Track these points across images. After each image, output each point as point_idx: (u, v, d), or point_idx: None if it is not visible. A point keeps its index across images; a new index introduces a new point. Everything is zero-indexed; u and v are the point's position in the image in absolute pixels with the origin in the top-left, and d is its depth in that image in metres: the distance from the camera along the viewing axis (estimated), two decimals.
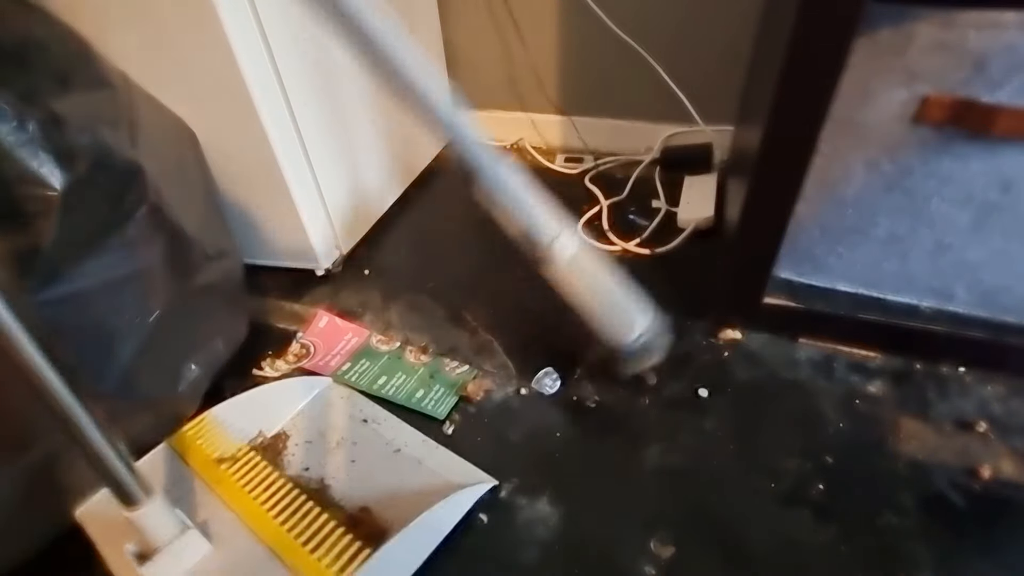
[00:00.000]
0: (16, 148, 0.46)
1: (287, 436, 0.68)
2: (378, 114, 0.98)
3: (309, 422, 0.69)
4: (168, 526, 0.51)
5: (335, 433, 0.68)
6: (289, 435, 0.68)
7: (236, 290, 0.77)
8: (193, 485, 0.59)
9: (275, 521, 0.55)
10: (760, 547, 0.56)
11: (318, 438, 0.67)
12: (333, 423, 0.69)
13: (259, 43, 0.70)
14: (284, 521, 0.55)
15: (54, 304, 0.50)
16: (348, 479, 0.62)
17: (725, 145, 1.05)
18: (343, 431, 0.68)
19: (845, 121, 0.58)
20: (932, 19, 0.51)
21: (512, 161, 0.54)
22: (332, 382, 0.74)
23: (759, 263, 0.69)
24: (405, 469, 0.62)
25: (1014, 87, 0.52)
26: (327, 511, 0.56)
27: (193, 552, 0.52)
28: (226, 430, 0.65)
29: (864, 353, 0.72)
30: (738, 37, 0.94)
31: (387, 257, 0.98)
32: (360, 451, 0.65)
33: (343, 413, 0.70)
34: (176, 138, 0.73)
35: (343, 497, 0.60)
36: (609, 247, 0.94)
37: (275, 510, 0.56)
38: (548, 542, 0.58)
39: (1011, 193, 0.57)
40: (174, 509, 0.52)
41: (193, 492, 0.59)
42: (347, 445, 0.66)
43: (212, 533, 0.54)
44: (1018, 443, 0.62)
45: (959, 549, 0.54)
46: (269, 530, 0.54)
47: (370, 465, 0.64)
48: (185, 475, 0.60)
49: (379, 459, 0.64)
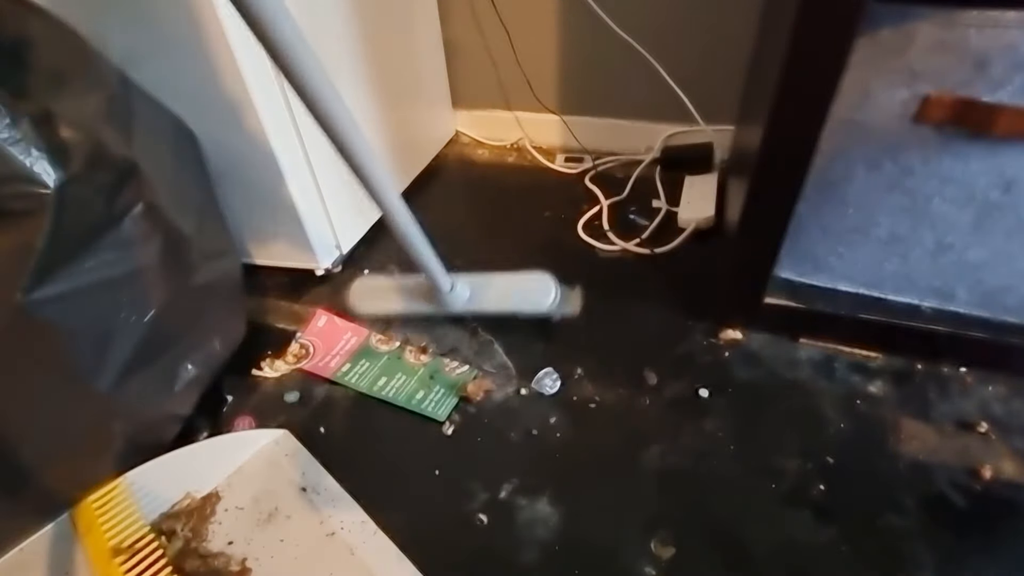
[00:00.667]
0: (8, 145, 0.46)
1: (218, 498, 0.62)
2: (378, 114, 0.97)
3: (246, 483, 0.63)
4: None
5: (270, 501, 0.61)
6: (221, 497, 0.62)
7: (234, 290, 0.77)
8: None
9: None
10: (760, 547, 0.56)
11: (251, 505, 0.61)
12: (270, 488, 0.62)
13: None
14: None
15: (48, 303, 0.49)
16: (273, 563, 0.56)
17: (725, 145, 1.05)
18: (279, 499, 0.61)
19: (845, 121, 0.58)
20: (933, 19, 0.51)
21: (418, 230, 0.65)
22: (280, 435, 0.67)
23: (760, 263, 0.69)
24: (335, 558, 0.56)
25: (1015, 87, 0.51)
26: None
27: None
28: (141, 500, 0.57)
29: (865, 353, 0.72)
30: (738, 37, 0.94)
31: (387, 257, 0.98)
32: (292, 528, 0.59)
33: (283, 477, 0.63)
34: (175, 137, 0.72)
35: None
36: (609, 247, 0.94)
37: None
38: (548, 542, 0.58)
39: (1012, 193, 0.57)
40: None
41: None
42: (280, 519, 0.60)
43: None
44: (1019, 443, 0.62)
45: (960, 549, 0.54)
46: None
47: (298, 547, 0.57)
48: (77, 564, 0.52)
49: (309, 541, 0.58)
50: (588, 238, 0.96)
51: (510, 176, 1.17)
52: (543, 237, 0.98)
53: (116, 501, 0.56)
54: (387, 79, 0.99)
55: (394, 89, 1.01)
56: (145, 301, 0.58)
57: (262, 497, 0.62)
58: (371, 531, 0.58)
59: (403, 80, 1.04)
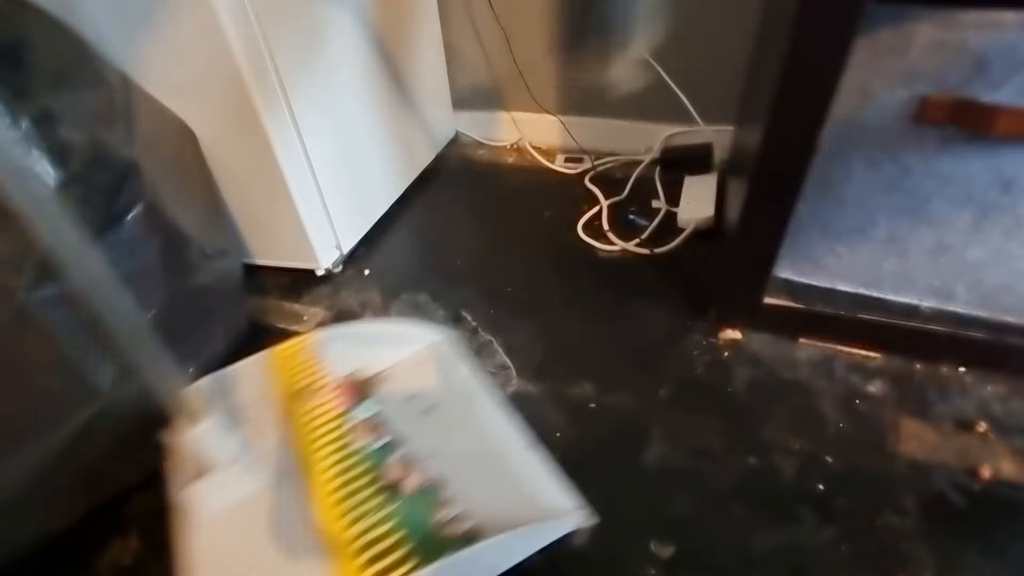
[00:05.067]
0: (8, 145, 0.46)
1: (380, 382, 0.59)
2: (378, 114, 0.98)
3: (409, 374, 0.60)
4: (220, 451, 0.46)
5: (429, 398, 0.58)
6: (383, 382, 0.59)
7: (235, 290, 0.77)
8: (268, 412, 0.54)
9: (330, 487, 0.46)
10: (760, 547, 0.56)
11: (408, 399, 0.58)
12: (433, 386, 0.59)
13: (259, 43, 0.70)
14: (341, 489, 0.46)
15: (48, 303, 0.49)
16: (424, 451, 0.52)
17: (725, 145, 1.05)
18: (439, 400, 0.58)
19: (845, 121, 0.58)
20: (932, 19, 0.51)
21: None
22: (453, 337, 0.65)
23: (759, 263, 0.69)
24: (490, 470, 0.52)
25: (1014, 87, 0.52)
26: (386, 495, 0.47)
27: (236, 487, 0.46)
28: (323, 358, 0.59)
29: (864, 353, 0.72)
30: (738, 37, 0.94)
31: (387, 257, 0.98)
32: (446, 429, 0.55)
33: (449, 379, 0.60)
34: (175, 137, 0.72)
35: None
36: (609, 247, 0.94)
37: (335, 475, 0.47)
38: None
39: (1011, 193, 0.57)
40: (232, 436, 0.47)
41: (265, 419, 0.53)
42: (436, 416, 0.57)
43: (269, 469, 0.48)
44: (1018, 443, 0.62)
45: (959, 549, 0.54)
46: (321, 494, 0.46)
47: (451, 449, 0.53)
48: (267, 396, 0.55)
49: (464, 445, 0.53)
50: (588, 238, 0.96)
51: (510, 177, 1.17)
52: (543, 237, 0.98)
53: (304, 352, 0.60)
54: (390, 82, 0.99)
55: (396, 91, 1.01)
56: (145, 301, 0.58)
57: (422, 393, 0.59)
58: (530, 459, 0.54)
59: (405, 82, 1.04)
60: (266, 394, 0.56)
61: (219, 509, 0.46)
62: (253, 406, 0.54)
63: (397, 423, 0.55)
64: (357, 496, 0.47)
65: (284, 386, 0.56)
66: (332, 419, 0.53)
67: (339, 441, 0.51)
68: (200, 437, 0.44)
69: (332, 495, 0.47)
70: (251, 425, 0.52)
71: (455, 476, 0.50)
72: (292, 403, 0.54)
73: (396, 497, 0.47)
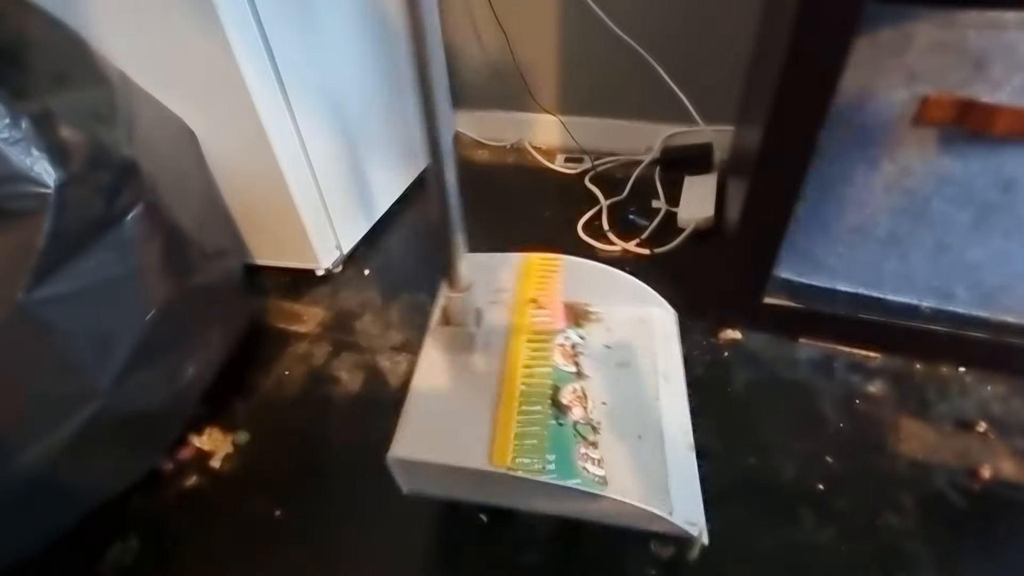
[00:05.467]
0: (9, 145, 0.46)
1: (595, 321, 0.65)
2: (378, 114, 0.98)
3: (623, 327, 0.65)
4: (467, 316, 0.57)
5: (627, 355, 0.62)
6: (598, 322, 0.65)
7: (235, 289, 0.77)
8: (507, 301, 0.63)
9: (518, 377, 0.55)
10: (760, 547, 0.56)
11: (609, 347, 0.62)
12: (637, 347, 0.63)
13: (259, 43, 0.70)
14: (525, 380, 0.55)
15: (48, 303, 0.49)
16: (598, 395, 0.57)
17: (725, 145, 1.05)
18: (635, 361, 0.62)
19: (845, 121, 0.58)
20: (932, 19, 0.51)
21: None
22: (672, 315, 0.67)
23: (759, 263, 0.69)
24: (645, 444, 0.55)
25: (1014, 87, 0.52)
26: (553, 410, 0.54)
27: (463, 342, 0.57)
28: (563, 279, 0.66)
29: (864, 353, 0.72)
30: (738, 37, 0.94)
31: (387, 257, 0.98)
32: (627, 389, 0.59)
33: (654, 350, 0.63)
34: (175, 137, 0.72)
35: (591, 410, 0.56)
36: (609, 247, 0.94)
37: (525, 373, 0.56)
38: (548, 542, 0.58)
39: (1011, 193, 0.57)
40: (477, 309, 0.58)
41: (503, 306, 0.63)
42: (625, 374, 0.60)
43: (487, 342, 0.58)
44: (1018, 443, 0.62)
45: (959, 549, 0.54)
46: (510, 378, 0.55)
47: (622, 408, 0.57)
48: (511, 289, 0.65)
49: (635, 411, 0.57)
50: (588, 238, 0.96)
51: (510, 176, 1.17)
52: (543, 237, 0.98)
53: (550, 269, 0.67)
54: (389, 82, 0.99)
55: (396, 91, 1.01)
56: (145, 301, 0.58)
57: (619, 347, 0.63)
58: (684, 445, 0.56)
59: (404, 82, 1.04)
60: (512, 287, 0.65)
61: (447, 349, 0.58)
62: (501, 292, 0.64)
63: (590, 361, 0.60)
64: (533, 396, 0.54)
65: (525, 287, 0.65)
66: (544, 331, 0.61)
67: (540, 350, 0.59)
68: (460, 298, 0.56)
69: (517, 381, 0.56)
70: (493, 306, 0.62)
71: (612, 429, 0.55)
72: (524, 304, 0.63)
73: (560, 416, 0.54)
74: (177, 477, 0.67)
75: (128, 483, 0.64)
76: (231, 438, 0.71)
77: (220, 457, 0.69)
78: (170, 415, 0.65)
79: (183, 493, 0.66)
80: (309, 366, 0.79)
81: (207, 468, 0.68)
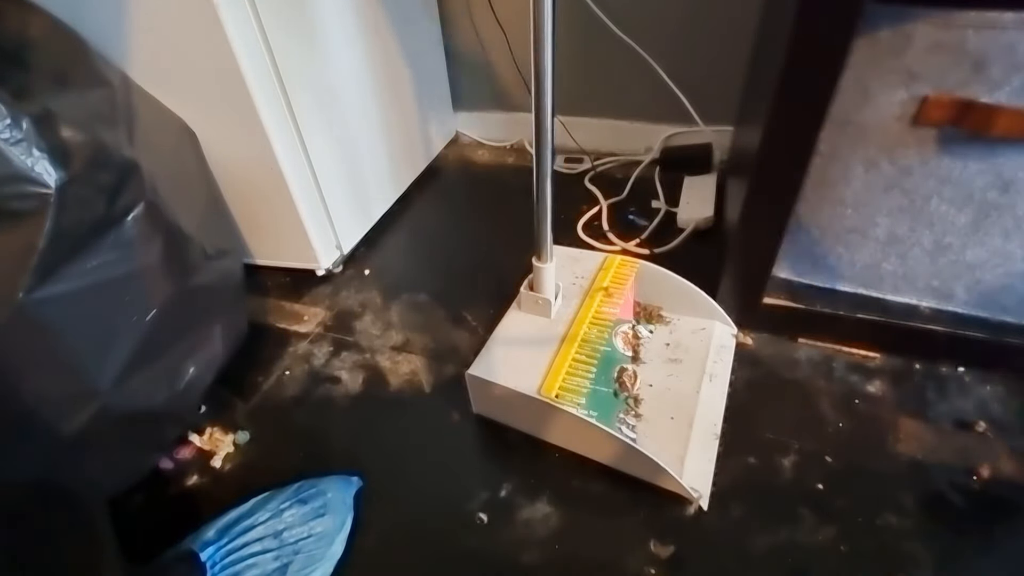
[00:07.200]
0: (9, 145, 0.46)
1: (659, 319, 0.76)
2: (379, 114, 0.98)
3: (683, 329, 0.75)
4: (548, 287, 0.68)
5: (682, 353, 0.72)
6: (662, 320, 0.76)
7: (236, 290, 0.77)
8: (583, 287, 0.74)
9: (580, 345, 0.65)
10: (760, 547, 0.56)
11: (668, 344, 0.73)
12: (692, 348, 0.73)
13: (259, 43, 0.70)
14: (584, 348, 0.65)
15: (49, 303, 0.49)
16: (647, 380, 0.69)
17: (725, 145, 1.05)
18: (688, 360, 0.71)
19: (845, 121, 0.58)
20: (931, 19, 0.51)
21: None
22: (734, 332, 0.75)
23: (759, 263, 0.69)
24: (676, 425, 0.64)
25: (1013, 87, 0.52)
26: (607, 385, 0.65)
27: (541, 308, 0.69)
28: (633, 280, 0.75)
29: (863, 353, 0.72)
30: (738, 37, 0.94)
31: (387, 257, 0.98)
32: (673, 380, 0.69)
33: (707, 355, 0.72)
34: (175, 137, 0.73)
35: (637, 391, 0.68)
36: (609, 247, 0.94)
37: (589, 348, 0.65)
38: (548, 542, 0.58)
39: (1010, 193, 0.57)
40: (557, 285, 0.70)
41: (579, 290, 0.73)
42: (676, 368, 0.70)
43: (555, 315, 0.70)
44: (1017, 443, 0.62)
45: (959, 549, 0.54)
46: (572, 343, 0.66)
47: (665, 395, 0.67)
48: (589, 279, 0.75)
49: (676, 400, 0.66)
50: (588, 238, 0.96)
51: (510, 176, 1.18)
52: None
53: (625, 269, 0.76)
54: (391, 82, 0.99)
55: (397, 91, 1.02)
56: (146, 301, 0.58)
57: (678, 347, 0.73)
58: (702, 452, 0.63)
59: (405, 83, 1.04)
60: (590, 277, 0.75)
61: (527, 309, 0.71)
62: (580, 279, 0.75)
63: (648, 352, 0.72)
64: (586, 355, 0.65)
65: (601, 278, 0.74)
66: (608, 316, 0.70)
67: (601, 328, 0.68)
68: (544, 269, 0.67)
69: (576, 341, 0.66)
70: (571, 287, 0.74)
71: (650, 406, 0.66)
72: (597, 291, 0.73)
73: (609, 384, 0.65)
74: (178, 477, 0.67)
75: (129, 483, 0.64)
76: (232, 438, 0.71)
77: (221, 457, 0.69)
78: (170, 415, 0.65)
79: (184, 493, 0.66)
80: (309, 366, 0.79)
81: (208, 468, 0.68)
